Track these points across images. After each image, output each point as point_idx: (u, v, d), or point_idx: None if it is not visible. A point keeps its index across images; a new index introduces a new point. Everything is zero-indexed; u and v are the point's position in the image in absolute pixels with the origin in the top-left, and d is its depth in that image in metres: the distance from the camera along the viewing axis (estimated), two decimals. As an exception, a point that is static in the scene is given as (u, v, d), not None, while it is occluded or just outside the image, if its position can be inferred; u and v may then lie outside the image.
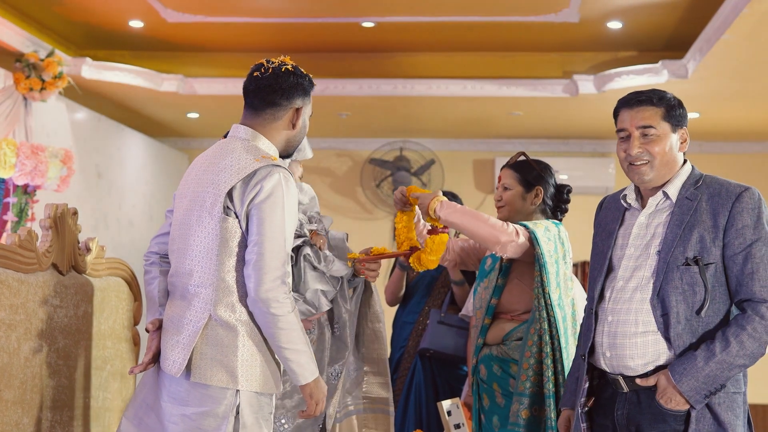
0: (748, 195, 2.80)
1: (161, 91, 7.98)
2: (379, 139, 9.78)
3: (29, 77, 6.86)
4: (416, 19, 7.18)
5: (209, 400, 2.72)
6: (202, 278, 2.77)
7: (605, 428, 2.95)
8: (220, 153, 2.88)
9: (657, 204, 2.94)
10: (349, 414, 3.65)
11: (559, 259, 3.67)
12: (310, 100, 3.03)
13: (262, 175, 2.75)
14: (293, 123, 2.96)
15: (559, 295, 3.64)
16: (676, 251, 2.81)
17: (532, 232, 3.64)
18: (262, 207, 2.74)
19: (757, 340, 2.72)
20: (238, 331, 2.75)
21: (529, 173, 3.86)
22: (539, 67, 7.94)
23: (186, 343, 2.74)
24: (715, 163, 9.47)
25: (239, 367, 2.73)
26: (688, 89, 7.40)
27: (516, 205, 3.85)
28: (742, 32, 5.94)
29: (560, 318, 3.60)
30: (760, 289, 2.74)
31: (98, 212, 8.29)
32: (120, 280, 3.76)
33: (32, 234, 3.10)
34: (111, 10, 7.12)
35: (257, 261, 2.72)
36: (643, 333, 2.84)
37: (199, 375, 2.72)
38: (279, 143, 2.95)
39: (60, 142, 7.46)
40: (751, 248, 2.76)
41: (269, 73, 2.96)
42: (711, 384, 2.72)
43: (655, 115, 2.92)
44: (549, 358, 3.56)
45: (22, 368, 3.00)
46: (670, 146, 2.91)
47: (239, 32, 7.59)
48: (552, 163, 9.42)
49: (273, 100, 2.94)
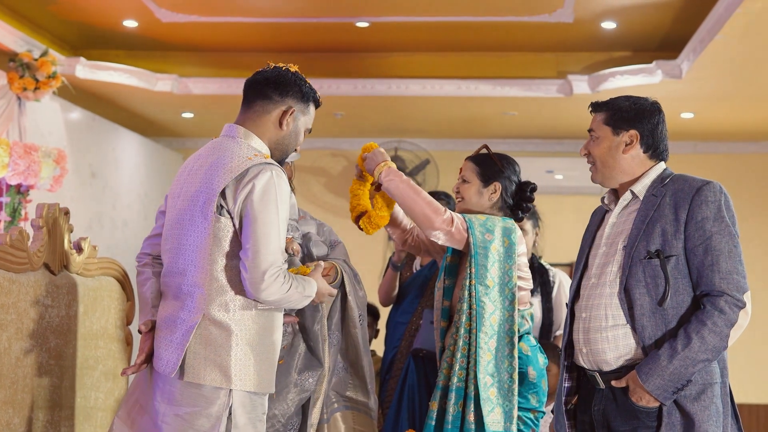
0: (708, 188, 2.87)
1: (155, 91, 7.98)
2: (373, 138, 9.77)
3: (23, 77, 6.85)
4: (410, 19, 7.18)
5: (202, 399, 2.72)
6: (195, 277, 2.76)
7: (584, 424, 3.03)
8: (212, 152, 2.87)
9: (627, 203, 3.03)
10: (334, 411, 3.64)
11: (500, 254, 3.57)
12: (307, 111, 3.00)
13: (254, 173, 2.74)
14: (281, 122, 2.92)
15: (494, 290, 3.54)
16: (640, 245, 2.89)
17: (468, 221, 3.57)
18: (255, 205, 2.73)
19: (718, 335, 2.77)
20: (231, 331, 2.74)
21: (489, 168, 3.74)
22: (534, 67, 7.95)
23: (179, 343, 2.73)
24: (710, 163, 9.49)
25: (232, 366, 2.73)
26: (682, 89, 7.42)
27: (473, 200, 3.73)
28: (735, 32, 5.95)
29: (487, 312, 3.51)
30: (719, 281, 2.80)
31: (92, 212, 8.28)
32: (112, 280, 3.76)
33: (23, 234, 3.10)
34: (105, 9, 7.11)
35: (253, 259, 2.71)
36: (613, 327, 2.91)
37: (192, 374, 2.72)
38: (268, 143, 2.93)
39: (54, 142, 7.45)
40: (710, 240, 2.82)
41: (270, 69, 2.97)
42: (677, 380, 2.77)
43: (597, 119, 3.08)
44: (460, 352, 3.50)
45: (13, 368, 2.99)
46: (609, 148, 3.03)
47: (233, 32, 7.59)
48: (547, 163, 9.57)
49: (265, 92, 2.93)
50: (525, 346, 3.61)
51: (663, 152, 3.07)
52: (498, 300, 3.55)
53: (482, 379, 3.47)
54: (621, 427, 2.89)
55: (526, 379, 3.58)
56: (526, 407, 3.57)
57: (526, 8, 6.90)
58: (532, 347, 3.64)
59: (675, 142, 9.39)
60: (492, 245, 3.57)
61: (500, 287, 3.56)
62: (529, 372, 3.58)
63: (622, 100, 3.08)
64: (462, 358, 3.50)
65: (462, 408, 3.49)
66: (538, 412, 3.63)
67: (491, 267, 3.56)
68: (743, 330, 2.83)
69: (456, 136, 9.79)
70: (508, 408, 3.49)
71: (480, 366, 3.47)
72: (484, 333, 3.50)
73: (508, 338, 3.54)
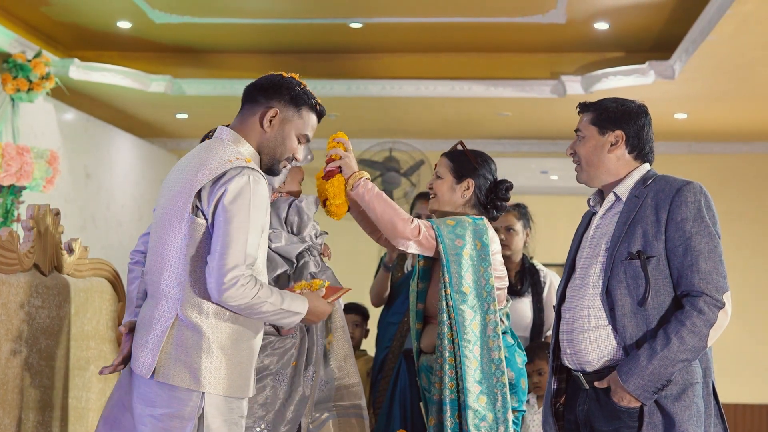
0: (687, 189, 2.89)
1: (149, 92, 7.99)
2: (368, 139, 9.78)
3: (16, 78, 6.86)
4: (404, 19, 7.20)
5: (175, 401, 2.70)
6: (171, 278, 2.75)
7: (570, 423, 3.05)
8: (198, 153, 2.86)
9: (611, 205, 3.05)
10: (324, 422, 3.65)
11: (474, 258, 3.52)
12: (298, 115, 2.92)
13: (230, 176, 2.72)
14: (262, 123, 2.88)
15: (471, 296, 3.50)
16: (621, 246, 2.90)
17: (437, 228, 3.52)
18: (228, 207, 2.69)
19: (697, 335, 2.78)
20: (203, 333, 2.72)
21: (463, 165, 3.69)
22: (527, 68, 7.97)
23: (154, 344, 2.73)
24: (704, 163, 9.51)
25: (203, 369, 2.70)
26: (675, 90, 7.44)
27: (445, 196, 3.68)
28: (726, 33, 5.96)
29: (467, 320, 3.47)
30: (699, 281, 2.81)
31: (87, 213, 8.29)
32: (104, 280, 3.76)
33: (13, 234, 3.10)
34: (98, 10, 7.12)
35: (217, 261, 2.68)
36: (596, 327, 2.93)
37: (164, 375, 2.70)
38: (256, 146, 2.89)
39: (48, 143, 7.46)
40: (690, 240, 2.83)
41: (266, 75, 2.96)
42: (657, 381, 2.78)
43: (584, 119, 3.11)
44: (447, 363, 3.46)
45: (3, 369, 3.00)
46: (594, 148, 3.06)
47: (227, 33, 7.60)
48: (542, 163, 9.58)
49: (253, 95, 2.92)
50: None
51: (648, 154, 3.08)
52: (477, 305, 3.51)
53: (470, 389, 3.44)
54: (604, 428, 2.91)
55: None
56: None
57: (519, 9, 6.91)
58: (509, 347, 3.60)
59: (669, 142, 9.45)
60: (464, 251, 3.51)
61: (477, 292, 3.52)
62: (507, 374, 3.52)
63: (609, 101, 3.11)
64: (450, 369, 3.47)
65: (459, 419, 3.47)
66: (518, 412, 3.62)
67: (465, 273, 3.51)
68: (723, 330, 2.84)
69: (450, 136, 9.79)
70: (501, 413, 3.45)
71: (467, 375, 3.44)
72: (466, 341, 3.47)
73: (492, 342, 3.50)
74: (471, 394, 3.44)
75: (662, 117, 8.38)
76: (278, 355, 3.49)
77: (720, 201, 10.12)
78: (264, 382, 3.45)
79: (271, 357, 3.48)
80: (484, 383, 3.46)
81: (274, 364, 3.47)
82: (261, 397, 3.43)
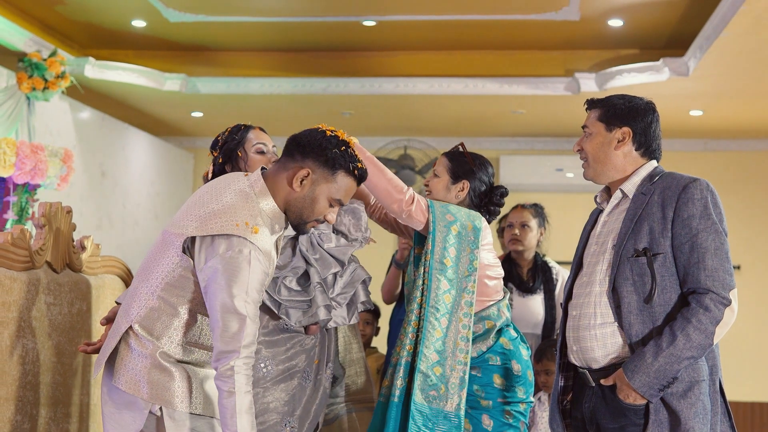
0: (694, 185, 2.88)
1: (164, 91, 8.03)
2: (383, 137, 9.79)
3: (32, 77, 6.90)
4: (417, 17, 7.20)
5: (123, 401, 2.75)
6: (142, 290, 2.77)
7: (577, 421, 3.05)
8: (222, 189, 2.79)
9: (617, 202, 3.05)
10: (336, 417, 3.68)
11: (461, 235, 3.53)
12: (333, 179, 2.76)
13: (228, 247, 2.63)
14: (292, 182, 2.74)
15: (450, 270, 3.50)
16: (628, 244, 2.90)
17: (430, 202, 3.55)
18: (217, 277, 2.63)
19: (703, 332, 2.77)
20: (148, 355, 2.72)
21: (461, 166, 3.72)
22: (541, 65, 7.95)
23: (109, 342, 2.80)
24: (719, 160, 9.47)
25: (148, 382, 2.72)
26: (690, 87, 7.41)
27: (440, 194, 3.71)
28: (740, 29, 5.94)
29: (441, 290, 3.47)
30: (705, 278, 2.80)
31: (102, 211, 8.33)
32: (116, 277, 3.78)
33: (25, 232, 3.13)
34: (113, 9, 7.16)
35: (214, 330, 2.65)
36: (602, 325, 2.92)
37: (115, 378, 2.76)
38: (282, 203, 2.78)
39: (63, 142, 7.50)
40: (696, 238, 2.83)
41: (312, 129, 2.84)
42: (662, 378, 2.78)
43: (592, 116, 3.11)
44: (411, 326, 3.48)
45: (15, 365, 3.02)
46: (601, 144, 3.06)
47: (240, 32, 7.62)
48: (557, 161, 9.56)
49: (290, 149, 2.80)
50: (505, 340, 3.57)
51: (655, 151, 3.08)
52: (454, 279, 3.51)
53: (426, 354, 3.42)
54: (610, 425, 2.91)
55: (510, 373, 3.53)
56: (515, 400, 3.54)
57: (533, 6, 6.91)
58: (512, 340, 3.59)
59: (684, 139, 9.42)
60: (453, 226, 3.54)
61: (457, 268, 3.53)
62: (513, 366, 3.53)
63: (616, 98, 3.10)
64: (412, 332, 3.48)
65: (408, 383, 3.45)
66: (526, 404, 3.63)
67: (449, 247, 3.53)
68: (729, 327, 2.83)
69: (465, 134, 9.79)
70: (454, 388, 3.43)
71: (426, 341, 3.43)
72: (434, 308, 3.47)
73: (463, 319, 3.49)
74: (426, 360, 3.43)
75: (677, 114, 8.35)
76: (305, 352, 3.52)
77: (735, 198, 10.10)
78: (293, 380, 3.49)
79: (299, 355, 3.51)
80: (444, 356, 3.45)
81: (302, 362, 3.51)
82: (286, 395, 3.45)
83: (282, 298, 3.41)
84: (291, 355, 3.48)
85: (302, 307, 3.45)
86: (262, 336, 3.43)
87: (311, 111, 8.71)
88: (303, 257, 3.46)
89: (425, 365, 3.42)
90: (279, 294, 3.41)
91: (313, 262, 3.46)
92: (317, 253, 3.48)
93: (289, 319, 3.42)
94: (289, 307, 3.43)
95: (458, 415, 3.43)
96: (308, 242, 3.49)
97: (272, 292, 3.40)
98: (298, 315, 3.44)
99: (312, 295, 3.46)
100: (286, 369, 3.46)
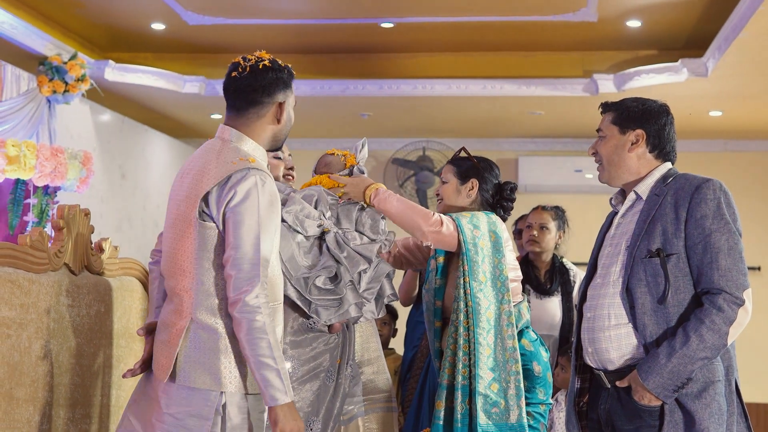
0: (707, 186, 2.88)
1: (183, 93, 8.07)
2: (401, 139, 9.80)
3: (52, 80, 6.96)
4: (435, 19, 7.21)
5: (194, 401, 2.73)
6: (184, 281, 2.79)
7: (593, 422, 3.05)
8: (202, 155, 2.88)
9: (632, 203, 3.06)
10: (353, 417, 3.70)
11: (489, 249, 3.62)
12: (291, 92, 3.01)
13: (237, 179, 2.75)
14: (278, 118, 2.95)
15: (487, 285, 3.58)
16: (642, 245, 2.90)
17: (456, 219, 3.62)
18: (237, 210, 2.73)
19: (717, 332, 2.77)
20: (219, 334, 2.75)
21: (464, 166, 3.82)
22: (559, 67, 7.94)
23: (171, 346, 2.77)
24: (740, 161, 9.41)
25: (222, 369, 2.74)
26: (709, 87, 7.38)
27: (452, 198, 3.81)
28: (759, 30, 5.91)
29: (483, 308, 3.55)
30: (718, 278, 2.80)
31: (122, 213, 8.38)
32: (134, 279, 3.80)
33: (43, 234, 3.15)
34: (133, 13, 7.20)
35: (232, 264, 2.71)
36: (616, 326, 2.92)
37: (183, 377, 2.74)
38: (265, 140, 2.95)
39: (84, 144, 7.55)
40: (709, 238, 2.83)
41: (247, 72, 2.96)
42: (676, 379, 2.78)
43: (606, 119, 3.11)
44: (461, 350, 3.53)
45: (33, 366, 3.05)
46: (615, 147, 3.06)
47: (259, 34, 7.64)
48: (576, 162, 9.53)
49: (254, 98, 2.93)
50: (526, 341, 3.65)
51: (669, 153, 3.08)
52: (491, 294, 3.59)
53: (482, 375, 3.50)
54: (625, 426, 2.91)
55: (531, 374, 3.60)
56: (535, 401, 3.60)
57: (550, 8, 6.90)
58: (533, 341, 3.67)
59: (704, 140, 9.38)
60: (480, 241, 3.61)
61: (492, 282, 3.60)
62: (534, 367, 3.61)
63: (630, 100, 3.11)
64: (464, 356, 3.54)
65: (469, 405, 3.52)
66: (545, 405, 3.66)
67: (482, 263, 3.60)
68: (743, 327, 2.82)
69: (483, 135, 9.79)
70: (513, 400, 3.50)
71: (480, 362, 3.51)
72: (481, 329, 3.54)
73: (506, 330, 3.57)
74: (483, 380, 3.50)
75: (697, 115, 8.31)
76: (329, 352, 3.55)
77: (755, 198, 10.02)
78: (317, 380, 3.51)
79: (324, 354, 3.53)
80: (497, 371, 3.53)
81: (326, 361, 3.53)
82: (312, 395, 3.48)
83: (313, 297, 3.44)
84: (315, 354, 3.51)
85: (333, 306, 3.49)
86: (288, 336, 3.46)
87: (330, 113, 8.73)
88: (332, 256, 3.49)
89: (483, 386, 3.50)
90: (310, 293, 3.44)
91: (343, 261, 3.49)
92: (344, 251, 3.52)
93: (320, 317, 3.46)
94: (319, 306, 3.46)
95: (521, 425, 3.51)
96: (335, 241, 3.52)
97: (303, 291, 3.43)
98: (329, 313, 3.48)
99: (342, 293, 3.50)
100: (311, 369, 3.49)
